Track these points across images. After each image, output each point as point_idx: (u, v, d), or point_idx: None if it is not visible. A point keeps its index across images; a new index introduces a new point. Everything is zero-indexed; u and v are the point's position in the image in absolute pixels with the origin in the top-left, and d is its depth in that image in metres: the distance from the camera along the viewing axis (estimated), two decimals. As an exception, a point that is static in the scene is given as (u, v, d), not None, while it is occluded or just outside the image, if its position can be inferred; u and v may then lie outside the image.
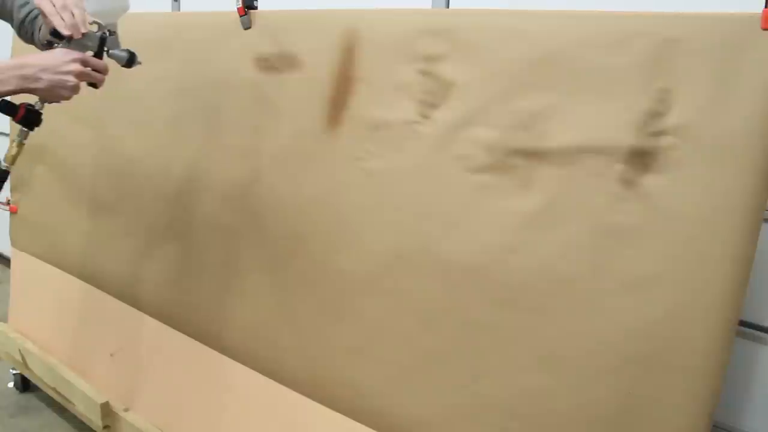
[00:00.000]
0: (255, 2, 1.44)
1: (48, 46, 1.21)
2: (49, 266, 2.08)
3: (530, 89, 1.05)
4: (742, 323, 1.32)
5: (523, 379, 1.08)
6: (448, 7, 1.60)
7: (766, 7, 0.86)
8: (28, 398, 2.26)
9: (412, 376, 1.21)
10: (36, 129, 1.20)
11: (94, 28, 1.20)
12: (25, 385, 2.28)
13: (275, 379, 1.44)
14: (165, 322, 1.70)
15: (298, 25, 1.36)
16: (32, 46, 1.37)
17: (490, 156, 1.09)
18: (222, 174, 1.51)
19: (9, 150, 1.21)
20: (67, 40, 1.16)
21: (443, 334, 1.16)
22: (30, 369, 2.08)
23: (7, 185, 2.20)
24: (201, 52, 1.56)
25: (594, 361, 1.01)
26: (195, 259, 1.60)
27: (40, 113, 1.20)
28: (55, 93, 1.14)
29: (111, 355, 1.86)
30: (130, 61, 1.24)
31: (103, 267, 1.87)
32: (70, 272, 1.99)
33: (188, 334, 1.64)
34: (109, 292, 1.86)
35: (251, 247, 1.46)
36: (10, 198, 2.21)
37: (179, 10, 2.25)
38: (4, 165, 1.21)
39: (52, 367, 1.97)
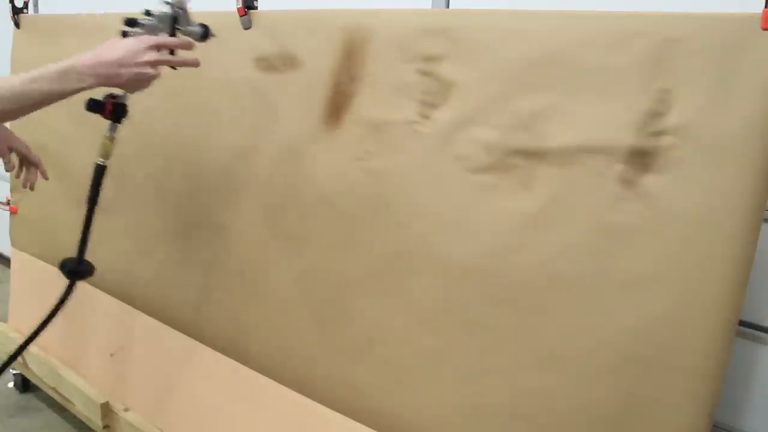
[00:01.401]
0: (255, 2, 1.44)
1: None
2: (49, 266, 2.08)
3: (530, 89, 1.05)
4: (742, 323, 1.32)
5: (523, 379, 1.08)
6: (448, 7, 1.60)
7: (766, 7, 0.86)
8: (28, 398, 2.26)
9: (412, 376, 1.21)
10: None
11: (166, 8, 1.18)
12: (25, 385, 2.28)
13: (275, 379, 1.44)
14: (165, 322, 1.70)
15: (298, 25, 1.36)
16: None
17: (490, 156, 1.09)
18: (221, 174, 1.51)
19: (102, 147, 1.23)
20: (140, 26, 1.14)
21: (443, 334, 1.16)
22: (30, 369, 2.08)
23: (6, 185, 2.22)
24: (200, 52, 1.55)
25: (594, 361, 1.01)
26: (195, 258, 1.60)
27: (126, 105, 1.19)
28: (134, 86, 1.13)
29: (111, 354, 1.86)
30: (205, 34, 1.20)
31: (103, 267, 1.86)
32: (70, 272, 1.99)
33: (188, 334, 1.64)
34: (108, 292, 1.86)
35: (250, 247, 1.46)
36: (10, 198, 2.21)
37: (179, 10, 2.25)
38: (101, 161, 1.24)
39: (52, 367, 1.97)
